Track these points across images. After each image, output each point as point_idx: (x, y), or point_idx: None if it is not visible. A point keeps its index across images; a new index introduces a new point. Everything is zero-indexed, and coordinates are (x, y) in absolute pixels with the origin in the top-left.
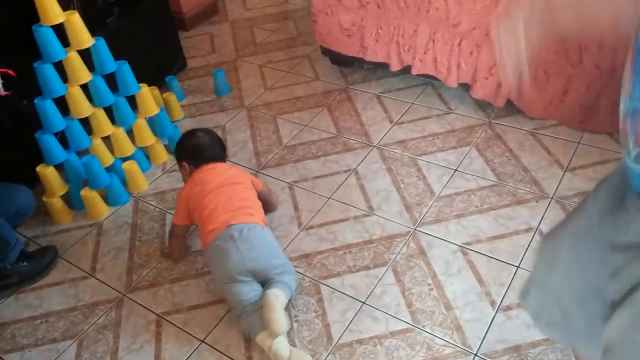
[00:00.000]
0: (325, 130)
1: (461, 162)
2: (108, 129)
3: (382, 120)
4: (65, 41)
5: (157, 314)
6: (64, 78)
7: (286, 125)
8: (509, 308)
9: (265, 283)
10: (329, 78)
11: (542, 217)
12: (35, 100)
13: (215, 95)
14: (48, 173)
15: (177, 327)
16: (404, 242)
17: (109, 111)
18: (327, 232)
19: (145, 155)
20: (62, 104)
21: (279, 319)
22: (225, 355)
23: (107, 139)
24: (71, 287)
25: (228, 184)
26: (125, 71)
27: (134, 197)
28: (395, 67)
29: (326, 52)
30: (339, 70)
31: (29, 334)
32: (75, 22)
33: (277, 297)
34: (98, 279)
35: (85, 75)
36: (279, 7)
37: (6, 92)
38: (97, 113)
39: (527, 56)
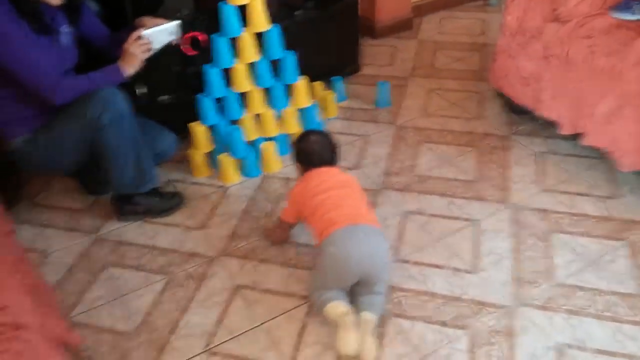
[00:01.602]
0: (464, 171)
1: (602, 256)
2: (260, 108)
3: (530, 182)
4: (244, 21)
5: (235, 284)
6: (235, 53)
7: (427, 154)
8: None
9: (360, 286)
10: (493, 121)
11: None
12: (204, 66)
13: (375, 105)
14: (199, 131)
15: (247, 302)
16: (495, 314)
17: (266, 93)
18: (419, 272)
19: (286, 142)
20: (227, 77)
21: (369, 346)
22: (274, 346)
23: (257, 118)
24: (181, 233)
25: (343, 187)
26: (289, 61)
27: (263, 174)
28: (565, 130)
29: (500, 94)
30: (508, 117)
31: (135, 257)
32: (257, 6)
33: (372, 323)
34: (203, 233)
35: (254, 56)
36: (472, 38)
37: (194, 52)
38: (255, 91)
39: None
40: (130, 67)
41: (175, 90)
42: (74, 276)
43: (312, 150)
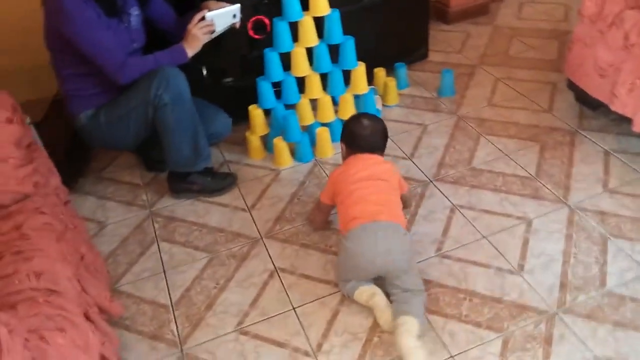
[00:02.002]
0: (523, 167)
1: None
2: (318, 93)
3: (595, 181)
4: (305, 5)
5: (274, 267)
6: (295, 38)
7: (487, 147)
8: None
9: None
10: (562, 115)
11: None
12: (265, 50)
13: (437, 94)
14: (256, 114)
15: (283, 285)
16: (534, 319)
17: (324, 78)
18: (459, 269)
19: (339, 127)
20: (286, 61)
21: (417, 352)
22: (304, 331)
23: (314, 102)
24: (230, 212)
25: (377, 179)
26: (348, 46)
27: (316, 160)
28: (638, 127)
29: (572, 86)
30: (579, 110)
31: (183, 234)
32: None
33: (414, 327)
34: (251, 214)
35: (313, 40)
36: (552, 24)
37: (258, 36)
38: (313, 76)
39: None
40: (192, 48)
41: (240, 74)
42: (126, 248)
43: (361, 135)
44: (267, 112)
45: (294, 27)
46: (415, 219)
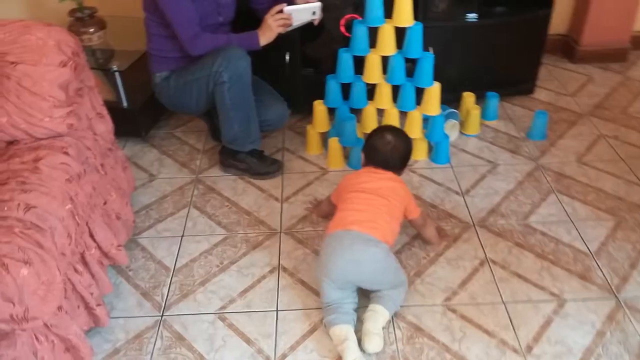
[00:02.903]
0: (584, 240)
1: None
2: (386, 103)
3: None
4: (389, 13)
5: (279, 263)
6: (373, 43)
7: (553, 206)
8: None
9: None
10: None
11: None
12: (340, 49)
13: (525, 135)
14: (319, 110)
15: (277, 284)
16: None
17: (396, 90)
18: (459, 328)
19: None
20: (361, 65)
21: (373, 336)
22: (276, 335)
23: (380, 112)
24: (264, 199)
25: (377, 195)
26: (426, 63)
27: None
28: None
29: None
30: None
31: (215, 206)
32: (405, 0)
33: (375, 314)
34: (281, 206)
35: (390, 49)
36: None
37: (349, 34)
38: (384, 85)
39: None
40: (265, 37)
41: (321, 68)
42: (161, 204)
43: (379, 150)
44: (333, 110)
45: (374, 33)
46: (437, 260)
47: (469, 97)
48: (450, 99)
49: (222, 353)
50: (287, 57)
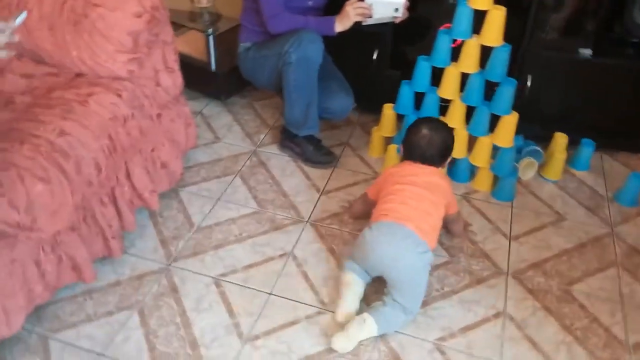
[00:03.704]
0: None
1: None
2: (457, 123)
3: None
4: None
5: (292, 251)
6: (456, 57)
7: (607, 280)
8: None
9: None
10: None
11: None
12: (418, 57)
13: (613, 196)
14: (388, 114)
15: (282, 269)
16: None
17: (470, 112)
18: None
19: (467, 169)
20: (438, 77)
21: (346, 339)
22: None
23: None
24: (306, 187)
25: (424, 188)
26: (505, 90)
27: None
28: None
29: None
30: None
31: (259, 180)
32: (496, 18)
33: (363, 324)
34: (319, 198)
35: (471, 67)
36: None
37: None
38: (458, 103)
39: None
40: (342, 24)
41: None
42: (214, 166)
43: (416, 145)
44: (402, 117)
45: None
46: (450, 296)
47: (560, 139)
48: (541, 137)
49: (203, 315)
50: (375, 55)
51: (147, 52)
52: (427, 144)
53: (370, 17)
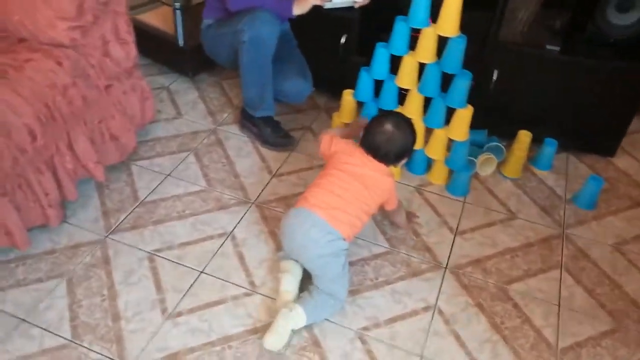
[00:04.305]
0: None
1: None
2: (414, 113)
3: None
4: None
5: (232, 231)
6: (412, 46)
7: (548, 282)
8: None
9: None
10: None
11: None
12: (377, 44)
13: (570, 198)
14: (347, 100)
15: (219, 248)
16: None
17: (428, 102)
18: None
19: (424, 161)
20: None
21: (276, 334)
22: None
23: None
24: (259, 168)
25: (359, 182)
26: (460, 83)
27: None
28: None
29: None
30: None
31: (213, 159)
32: (452, 6)
33: (290, 313)
34: (270, 180)
35: (427, 57)
36: None
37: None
38: (414, 94)
39: None
40: (299, 7)
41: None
42: (169, 142)
43: (374, 138)
44: (362, 104)
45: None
46: (383, 287)
47: (523, 137)
48: (507, 133)
49: (131, 289)
50: (343, 40)
51: (93, 21)
52: (386, 140)
53: (330, 0)
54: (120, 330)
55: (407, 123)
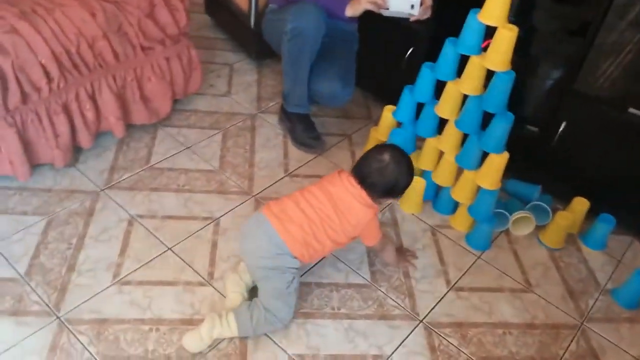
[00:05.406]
0: None
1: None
2: (447, 146)
3: None
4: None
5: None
6: (460, 72)
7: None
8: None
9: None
10: None
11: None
12: (424, 63)
13: (611, 289)
14: (386, 116)
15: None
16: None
17: (465, 136)
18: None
19: (451, 202)
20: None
21: (197, 337)
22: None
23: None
24: (279, 166)
25: (334, 207)
26: (499, 125)
27: (397, 204)
28: None
29: None
30: None
31: (238, 143)
32: (504, 39)
33: (219, 319)
34: (281, 180)
35: (471, 88)
36: None
37: None
38: (452, 126)
39: None
40: (352, 8)
41: None
42: (206, 117)
43: (366, 164)
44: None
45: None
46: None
47: (578, 204)
48: (563, 196)
49: (97, 245)
50: (409, 52)
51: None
52: (378, 169)
53: (386, 9)
54: (67, 282)
55: (407, 161)
